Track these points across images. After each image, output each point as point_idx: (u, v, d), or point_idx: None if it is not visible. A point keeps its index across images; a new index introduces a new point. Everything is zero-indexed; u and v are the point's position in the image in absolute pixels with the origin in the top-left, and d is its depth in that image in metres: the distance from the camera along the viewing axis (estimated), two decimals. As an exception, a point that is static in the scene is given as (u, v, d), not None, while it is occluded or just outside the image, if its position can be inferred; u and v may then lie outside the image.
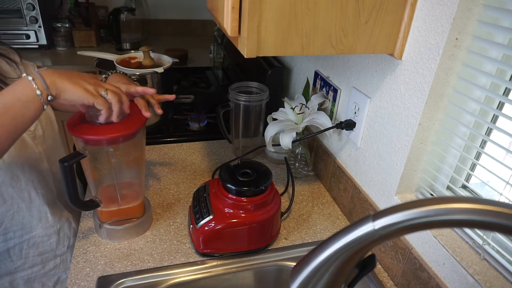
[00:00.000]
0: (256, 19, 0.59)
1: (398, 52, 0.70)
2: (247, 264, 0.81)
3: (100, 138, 0.70)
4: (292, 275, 0.41)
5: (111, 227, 0.83)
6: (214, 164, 1.14)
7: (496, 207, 0.30)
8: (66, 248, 0.96)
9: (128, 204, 0.84)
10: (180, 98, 1.53)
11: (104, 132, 0.70)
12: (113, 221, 0.83)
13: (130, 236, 0.85)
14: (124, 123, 0.73)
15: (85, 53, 1.25)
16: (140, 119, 0.75)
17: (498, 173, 0.60)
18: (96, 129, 0.70)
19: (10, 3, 1.86)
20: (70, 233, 0.97)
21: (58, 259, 0.96)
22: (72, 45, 2.09)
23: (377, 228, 0.34)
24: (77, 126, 0.71)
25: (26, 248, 0.89)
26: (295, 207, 0.99)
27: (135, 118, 0.75)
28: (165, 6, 2.40)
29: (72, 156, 0.69)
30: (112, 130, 0.71)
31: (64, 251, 0.96)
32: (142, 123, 0.75)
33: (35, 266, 0.92)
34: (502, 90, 0.63)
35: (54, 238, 0.93)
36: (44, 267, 0.94)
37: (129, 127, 0.72)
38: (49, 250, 0.93)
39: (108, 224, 0.83)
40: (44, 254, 0.93)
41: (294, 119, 1.03)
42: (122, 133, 0.71)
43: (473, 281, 0.60)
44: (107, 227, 0.83)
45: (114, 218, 0.83)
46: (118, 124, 0.71)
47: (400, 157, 0.74)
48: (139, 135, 0.77)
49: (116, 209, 0.83)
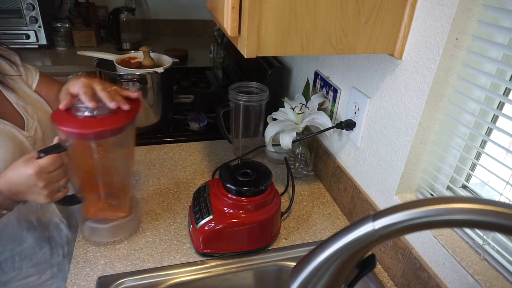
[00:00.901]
0: (256, 19, 0.59)
1: (398, 52, 0.70)
2: (247, 264, 0.81)
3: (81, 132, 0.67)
4: (292, 275, 0.41)
5: (94, 225, 0.80)
6: (214, 164, 1.14)
7: (496, 207, 0.30)
8: (61, 257, 0.95)
9: (112, 202, 0.81)
10: (180, 98, 1.53)
11: (85, 126, 0.67)
12: (96, 219, 0.80)
13: (114, 235, 0.82)
14: (108, 118, 0.69)
15: (85, 53, 1.25)
16: (127, 116, 0.71)
17: (498, 173, 0.60)
18: (79, 122, 0.67)
19: (10, 3, 1.86)
20: (63, 240, 0.95)
21: (55, 268, 0.94)
22: (72, 45, 2.09)
23: (377, 228, 0.34)
24: (61, 117, 0.68)
25: (19, 260, 0.88)
26: (295, 207, 0.99)
27: (122, 115, 0.71)
28: (165, 6, 2.40)
29: (52, 148, 0.67)
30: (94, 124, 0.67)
31: (60, 260, 0.95)
32: (126, 120, 0.71)
33: (30, 276, 0.91)
34: (502, 90, 0.63)
35: (46, 247, 0.91)
36: (41, 277, 0.92)
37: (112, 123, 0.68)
38: (43, 260, 0.92)
39: (90, 221, 0.79)
40: (38, 265, 0.91)
41: (294, 119, 1.03)
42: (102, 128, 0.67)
43: (473, 281, 0.60)
44: (89, 225, 0.80)
45: (98, 215, 0.80)
46: (101, 118, 0.68)
47: (400, 157, 0.74)
48: (126, 133, 0.73)
49: (99, 207, 0.79)
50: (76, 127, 0.66)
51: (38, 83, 0.91)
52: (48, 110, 0.91)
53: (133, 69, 1.21)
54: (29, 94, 0.88)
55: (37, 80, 0.91)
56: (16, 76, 0.86)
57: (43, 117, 0.88)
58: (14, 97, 0.83)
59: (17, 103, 0.83)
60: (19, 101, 0.84)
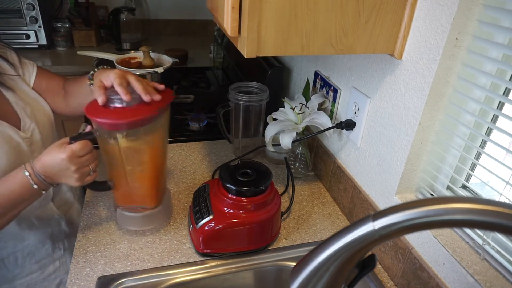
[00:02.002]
0: (256, 19, 0.59)
1: (398, 52, 0.70)
2: (247, 264, 0.81)
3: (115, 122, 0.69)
4: (292, 275, 0.41)
5: (125, 212, 0.82)
6: (214, 164, 1.14)
7: (496, 207, 0.30)
8: (63, 251, 0.95)
9: (140, 191, 0.82)
10: (180, 98, 1.53)
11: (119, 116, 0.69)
12: (127, 206, 0.82)
13: (143, 225, 0.83)
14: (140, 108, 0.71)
15: (85, 53, 1.25)
16: (157, 106, 0.73)
17: (498, 173, 0.60)
18: (112, 113, 0.70)
19: (10, 3, 1.86)
20: (62, 235, 0.96)
21: (57, 262, 0.95)
22: (72, 45, 2.09)
23: (377, 228, 0.34)
24: (94, 108, 0.71)
25: (21, 257, 0.88)
26: (295, 207, 0.99)
27: (153, 105, 0.73)
28: (165, 6, 2.40)
29: (83, 134, 0.71)
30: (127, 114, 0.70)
31: (61, 254, 0.95)
32: (157, 109, 0.73)
33: (33, 273, 0.91)
34: (502, 90, 0.63)
35: (49, 243, 0.92)
36: (43, 272, 0.93)
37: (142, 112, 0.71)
38: (46, 255, 0.92)
39: (121, 209, 0.82)
40: (41, 260, 0.92)
41: (294, 119, 1.03)
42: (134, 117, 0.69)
43: (473, 281, 0.60)
44: (120, 212, 0.82)
45: (127, 204, 0.82)
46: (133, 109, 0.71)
47: (400, 157, 0.74)
48: (156, 124, 0.75)
49: (128, 195, 0.81)
50: (110, 117, 0.69)
51: (37, 77, 0.90)
52: (47, 111, 0.90)
53: (133, 69, 1.21)
54: (28, 93, 0.88)
55: (34, 74, 0.90)
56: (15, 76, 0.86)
57: (41, 119, 0.87)
58: (13, 97, 0.83)
59: (16, 103, 0.83)
60: (18, 101, 0.83)
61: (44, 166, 0.69)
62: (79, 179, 0.71)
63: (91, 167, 0.73)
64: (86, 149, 0.71)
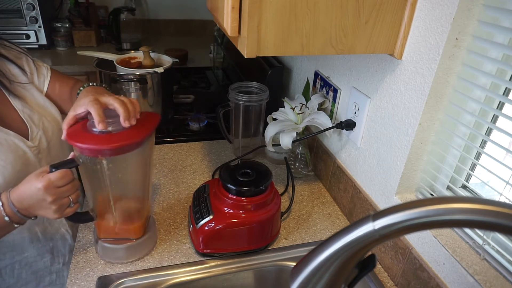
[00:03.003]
0: (256, 19, 0.59)
1: (398, 52, 0.70)
2: (247, 264, 0.81)
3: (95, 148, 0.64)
4: (292, 275, 0.41)
5: (106, 245, 0.77)
6: (214, 164, 1.14)
7: (496, 207, 0.30)
8: (61, 265, 0.94)
9: (126, 222, 0.77)
10: (180, 98, 1.53)
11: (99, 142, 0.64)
12: (109, 238, 0.77)
13: (125, 258, 0.78)
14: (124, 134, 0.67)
15: (85, 53, 1.25)
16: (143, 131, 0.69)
17: (498, 173, 0.60)
18: (91, 138, 0.65)
19: (10, 3, 1.86)
20: (65, 250, 0.93)
21: (53, 275, 0.93)
22: (72, 45, 2.09)
23: (377, 228, 0.34)
24: (76, 133, 0.67)
25: (18, 268, 0.87)
26: (295, 207, 0.99)
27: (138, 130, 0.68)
28: (165, 6, 2.40)
29: (64, 163, 0.65)
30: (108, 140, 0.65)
31: (59, 268, 0.93)
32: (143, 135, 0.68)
33: (29, 283, 0.89)
34: (502, 90, 0.63)
35: (48, 257, 0.90)
36: (39, 284, 0.91)
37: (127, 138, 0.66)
38: (43, 268, 0.90)
39: (103, 241, 0.77)
40: (38, 272, 0.90)
41: (294, 119, 1.03)
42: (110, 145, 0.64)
43: (473, 281, 0.60)
44: (102, 244, 0.77)
45: (110, 235, 0.77)
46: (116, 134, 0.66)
47: (400, 157, 0.74)
48: (139, 151, 0.70)
49: (112, 226, 0.76)
50: (91, 143, 0.64)
51: (50, 81, 0.88)
52: (56, 118, 0.87)
53: (133, 69, 1.21)
54: (38, 101, 0.85)
55: (48, 79, 0.88)
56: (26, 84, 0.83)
57: (49, 126, 0.85)
58: (20, 105, 0.80)
59: (22, 110, 0.80)
60: (25, 109, 0.81)
61: (20, 197, 0.65)
62: (57, 211, 0.66)
63: (71, 198, 0.67)
64: (66, 179, 0.65)
